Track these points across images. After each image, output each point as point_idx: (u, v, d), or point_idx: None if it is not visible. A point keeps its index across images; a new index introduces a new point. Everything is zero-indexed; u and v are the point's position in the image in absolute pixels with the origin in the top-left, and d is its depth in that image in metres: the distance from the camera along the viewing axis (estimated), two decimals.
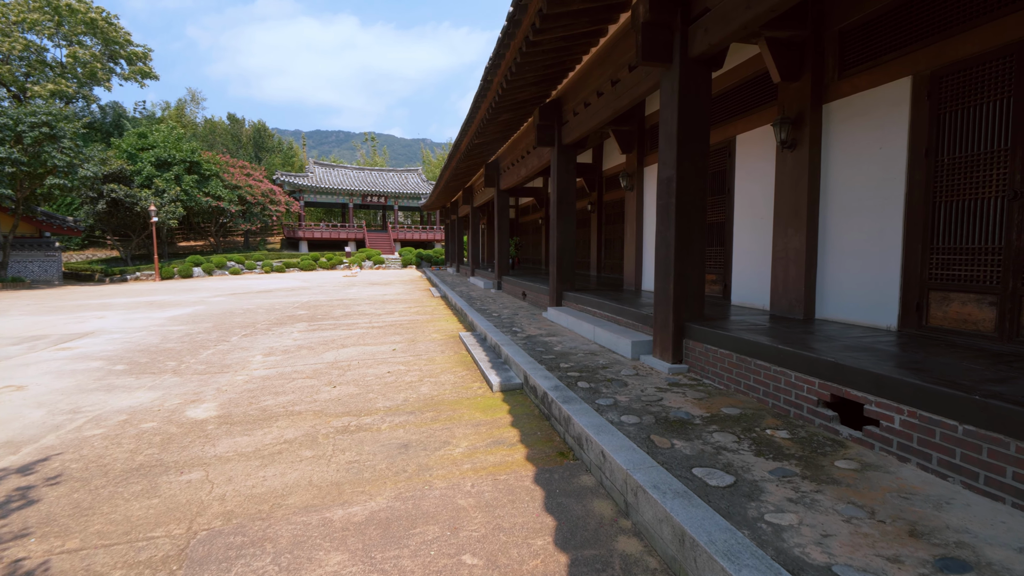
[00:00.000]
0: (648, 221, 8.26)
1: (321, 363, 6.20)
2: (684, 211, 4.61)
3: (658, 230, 4.87)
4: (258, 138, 42.95)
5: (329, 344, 7.42)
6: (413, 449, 3.52)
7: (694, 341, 4.55)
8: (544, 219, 18.66)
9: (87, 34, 32.14)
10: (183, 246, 35.70)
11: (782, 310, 5.19)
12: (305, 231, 37.48)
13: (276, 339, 7.91)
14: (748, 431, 3.15)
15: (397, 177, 44.29)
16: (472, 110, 8.80)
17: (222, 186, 29.71)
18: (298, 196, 37.08)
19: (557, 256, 8.17)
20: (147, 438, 3.85)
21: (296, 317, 10.43)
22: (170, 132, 28.33)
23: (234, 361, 6.42)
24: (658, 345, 4.89)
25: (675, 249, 4.61)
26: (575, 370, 4.74)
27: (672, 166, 4.61)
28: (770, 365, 3.61)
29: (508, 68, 6.49)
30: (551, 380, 4.32)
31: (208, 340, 7.93)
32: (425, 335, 8.05)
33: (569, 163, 8.12)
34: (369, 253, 34.04)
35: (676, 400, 3.80)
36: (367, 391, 4.97)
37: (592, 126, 6.89)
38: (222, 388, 5.20)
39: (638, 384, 4.24)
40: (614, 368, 4.81)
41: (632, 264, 8.55)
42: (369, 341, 7.61)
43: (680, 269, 4.63)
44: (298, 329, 8.86)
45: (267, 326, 9.28)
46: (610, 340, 5.63)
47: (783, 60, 4.86)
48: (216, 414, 4.39)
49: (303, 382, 5.34)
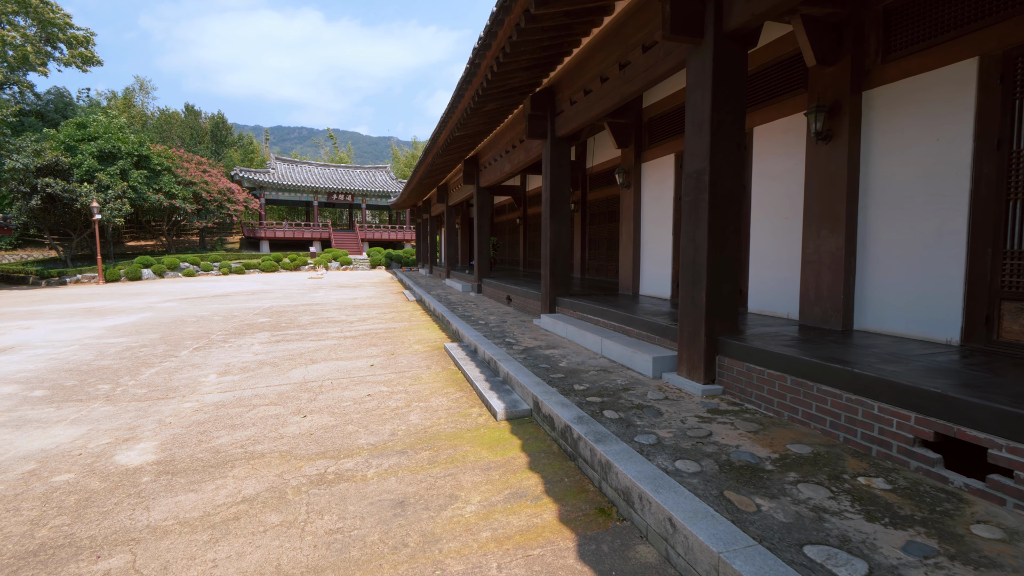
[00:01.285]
0: (647, 221, 7.70)
1: (287, 384, 5.32)
2: (718, 208, 4.01)
3: (684, 231, 4.26)
4: (217, 132, 40.52)
5: (296, 359, 6.51)
6: (412, 508, 2.76)
7: (731, 359, 3.95)
8: (522, 219, 18.02)
9: (18, 14, 29.38)
10: (132, 246, 33.22)
11: (815, 320, 4.68)
12: (266, 230, 35.57)
13: (234, 353, 6.93)
14: (836, 479, 2.55)
15: (365, 174, 42.77)
16: (454, 99, 8.03)
17: (175, 182, 27.68)
18: (259, 193, 35.15)
19: (550, 258, 7.51)
20: (58, 499, 2.94)
21: (257, 325, 9.39)
22: (111, 122, 26.13)
23: (182, 383, 5.45)
24: (685, 362, 4.28)
25: (708, 252, 4.00)
26: (594, 394, 4.07)
27: (704, 157, 4.01)
28: (841, 392, 3.03)
29: (501, 49, 5.77)
30: (571, 409, 3.63)
31: (153, 355, 6.87)
32: (405, 346, 7.24)
33: (563, 157, 7.47)
34: (335, 254, 32.55)
35: (728, 434, 3.18)
36: (345, 421, 4.15)
37: (592, 115, 6.25)
38: (165, 420, 4.27)
39: (674, 412, 3.61)
40: (637, 390, 4.17)
41: (629, 267, 7.97)
42: (342, 354, 6.74)
43: (713, 275, 4.03)
44: (259, 340, 7.88)
45: (224, 337, 8.24)
46: (623, 355, 4.99)
47: (819, 41, 4.34)
48: (155, 458, 3.51)
49: (266, 410, 4.48)
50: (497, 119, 9.41)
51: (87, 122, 25.53)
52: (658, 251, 7.43)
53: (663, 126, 7.30)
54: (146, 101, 41.64)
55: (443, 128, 9.76)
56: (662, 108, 7.26)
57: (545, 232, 7.61)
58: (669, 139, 7.12)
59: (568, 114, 6.91)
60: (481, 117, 8.85)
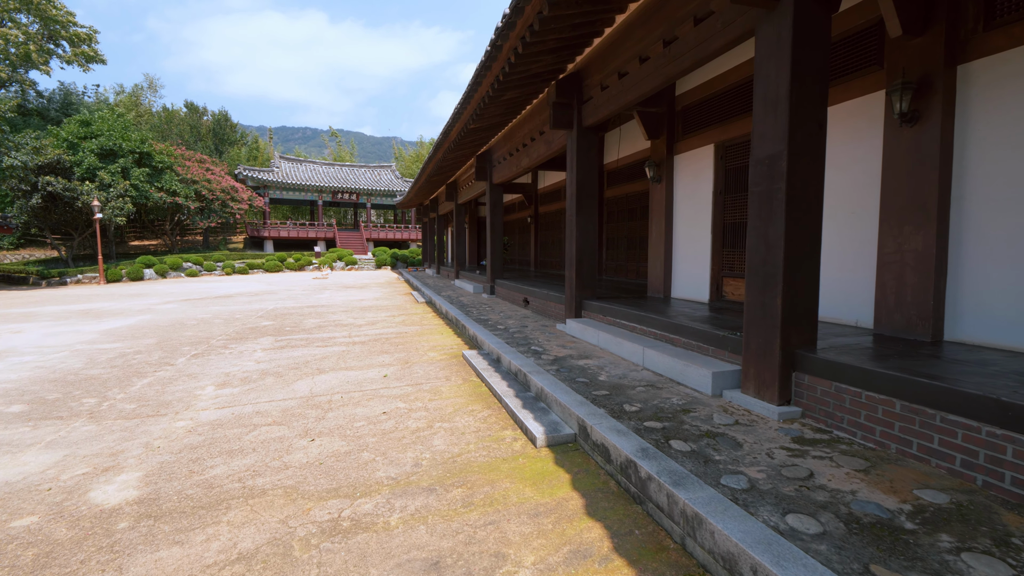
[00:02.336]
0: (680, 218, 7.11)
1: (293, 398, 4.76)
2: (797, 200, 3.42)
3: (753, 226, 3.67)
4: (219, 130, 40.07)
5: (302, 367, 5.95)
6: (451, 574, 2.19)
7: (813, 376, 3.37)
8: (533, 217, 17.46)
9: (20, 11, 29.03)
10: (136, 245, 32.84)
11: (894, 328, 4.08)
12: (270, 230, 35.15)
13: (234, 361, 6.38)
14: (1004, 545, 1.96)
15: (369, 173, 42.30)
16: (470, 88, 7.46)
17: (177, 180, 27.25)
18: (263, 192, 34.72)
19: (576, 259, 6.92)
20: (11, 555, 2.39)
21: (260, 329, 8.84)
22: (116, 119, 25.69)
23: (176, 396, 4.90)
24: (752, 379, 3.69)
25: (784, 251, 3.42)
26: (650, 416, 3.49)
27: (779, 139, 3.42)
28: (980, 425, 2.44)
29: (528, 27, 5.21)
30: (629, 437, 3.05)
31: (147, 363, 6.33)
32: (420, 354, 6.67)
33: (590, 149, 6.89)
34: (340, 253, 32.07)
35: (833, 474, 2.59)
36: (359, 447, 3.59)
37: (627, 101, 5.67)
38: (153, 443, 3.72)
39: (754, 442, 3.03)
40: (699, 412, 3.58)
41: (659, 268, 7.38)
42: (352, 363, 6.18)
43: (790, 278, 3.44)
44: (262, 346, 7.33)
45: (224, 342, 7.70)
46: (672, 368, 4.41)
47: (906, 7, 3.74)
48: (136, 495, 2.95)
49: (268, 431, 3.91)
50: (515, 110, 8.84)
51: (91, 119, 25.11)
52: (693, 250, 6.84)
53: (700, 115, 6.71)
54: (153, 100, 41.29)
55: (456, 120, 9.19)
56: (699, 95, 6.67)
57: (570, 230, 7.03)
58: (707, 128, 6.53)
59: (598, 101, 6.32)
60: (499, 107, 8.28)
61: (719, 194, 6.36)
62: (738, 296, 6.10)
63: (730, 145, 6.18)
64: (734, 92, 6.07)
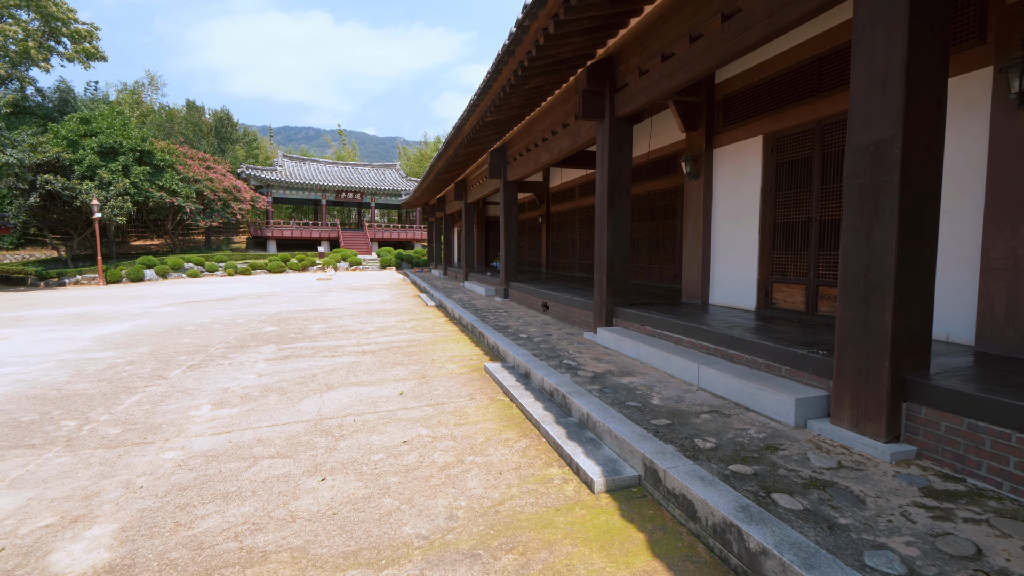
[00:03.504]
0: (720, 216, 6.51)
1: (298, 422, 4.18)
2: (912, 194, 2.82)
3: (850, 226, 3.07)
4: (221, 128, 39.54)
5: (308, 382, 5.37)
6: None
7: (933, 409, 2.76)
8: (544, 217, 16.88)
9: (20, 7, 28.58)
10: (137, 245, 32.38)
11: (1006, 346, 3.47)
12: (273, 230, 34.63)
13: (234, 373, 5.80)
14: None
15: (374, 172, 41.76)
16: (490, 76, 6.88)
17: (178, 179, 26.73)
18: (265, 191, 34.20)
19: (608, 261, 6.32)
20: None
21: (262, 336, 8.27)
22: (115, 116, 25.19)
23: (167, 418, 4.32)
24: (848, 408, 3.09)
25: (897, 256, 2.81)
26: (733, 456, 2.89)
27: (890, 122, 2.81)
28: None
29: (562, 2, 4.63)
30: (719, 488, 2.45)
31: (139, 376, 5.76)
32: (437, 365, 6.08)
33: (623, 141, 6.29)
34: (344, 254, 31.52)
35: (1007, 548, 1.99)
36: (380, 489, 3.00)
37: (671, 87, 5.07)
38: (136, 482, 3.14)
39: (876, 494, 2.42)
40: (790, 449, 2.98)
41: (696, 272, 6.78)
42: (363, 376, 5.60)
43: (903, 288, 2.84)
44: (264, 356, 6.75)
45: (223, 350, 7.12)
46: (739, 391, 3.81)
47: None
48: (107, 559, 2.37)
49: (271, 466, 3.33)
50: (535, 101, 8.26)
51: (91, 117, 24.61)
52: (737, 253, 6.23)
53: (745, 104, 6.10)
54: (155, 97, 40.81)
55: (472, 113, 8.61)
56: (744, 82, 6.06)
57: (601, 230, 6.43)
58: (754, 119, 5.92)
59: (634, 88, 5.72)
60: (519, 98, 7.70)
61: (769, 191, 5.76)
62: (792, 304, 5.49)
63: (783, 136, 5.57)
64: (789, 77, 5.47)
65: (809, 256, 5.28)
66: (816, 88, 5.13)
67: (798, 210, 5.41)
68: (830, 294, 5.07)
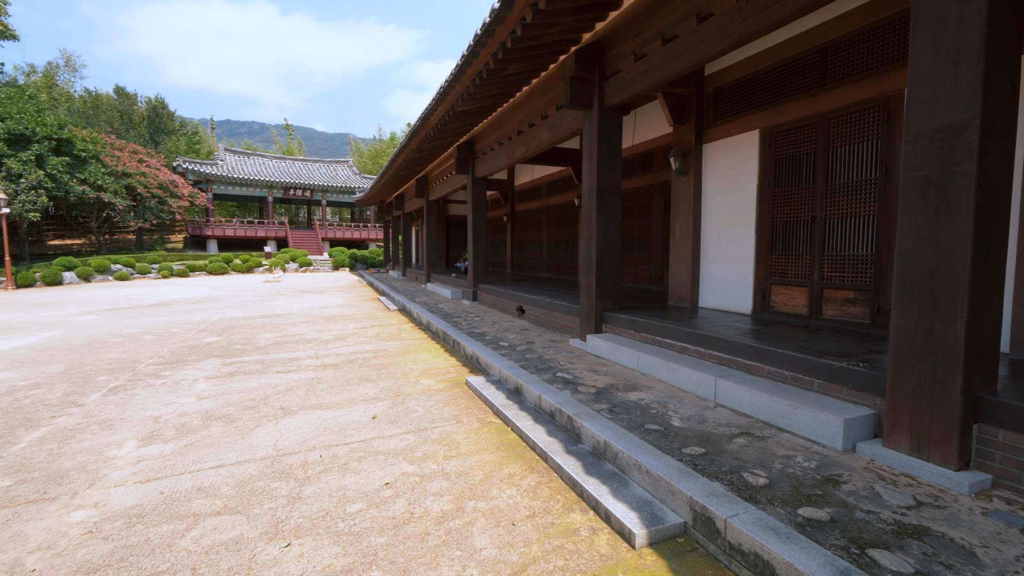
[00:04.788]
0: (710, 215, 6.19)
1: (251, 459, 3.42)
2: (987, 187, 2.47)
3: (909, 224, 2.70)
4: (155, 118, 36.36)
5: (260, 406, 4.57)
6: None
7: (1011, 431, 2.42)
8: (509, 216, 16.38)
9: None
10: (55, 245, 29.26)
11: None
12: (215, 228, 32.27)
13: (168, 396, 4.89)
14: None
15: (325, 168, 39.87)
16: (465, 60, 6.27)
17: (104, 172, 24.28)
18: (205, 187, 31.80)
19: (597, 263, 5.85)
20: None
21: (203, 348, 7.26)
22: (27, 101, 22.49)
23: (78, 461, 3.44)
24: (907, 430, 2.72)
25: (971, 258, 2.45)
26: (795, 494, 2.44)
27: (966, 104, 2.45)
28: None
29: None
30: (802, 546, 1.98)
31: (45, 403, 4.74)
32: (411, 381, 5.40)
33: (613, 133, 5.84)
34: (294, 254, 29.77)
35: None
36: (363, 558, 2.34)
37: (673, 72, 4.64)
38: (23, 565, 2.33)
39: (981, 542, 2.02)
40: (853, 482, 2.57)
41: (685, 273, 6.44)
42: (326, 396, 4.85)
43: (976, 295, 2.49)
44: (206, 373, 5.83)
45: (156, 367, 6.12)
46: (768, 408, 3.40)
47: None
48: None
49: (217, 527, 2.59)
50: (511, 90, 7.70)
51: None
52: (730, 253, 5.92)
53: (739, 97, 5.80)
54: (71, 80, 37.06)
55: (441, 102, 7.94)
56: (737, 74, 5.75)
57: (589, 230, 5.95)
58: (749, 112, 5.62)
59: (628, 75, 5.27)
60: (495, 85, 7.11)
61: (766, 188, 5.47)
62: (793, 308, 5.21)
63: (782, 131, 5.29)
64: (789, 69, 5.18)
65: (812, 257, 5.01)
66: (820, 80, 4.86)
67: (800, 208, 5.14)
68: (836, 297, 4.81)
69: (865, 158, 4.53)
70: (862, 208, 4.56)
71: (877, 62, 4.36)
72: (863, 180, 4.55)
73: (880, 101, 4.35)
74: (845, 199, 4.70)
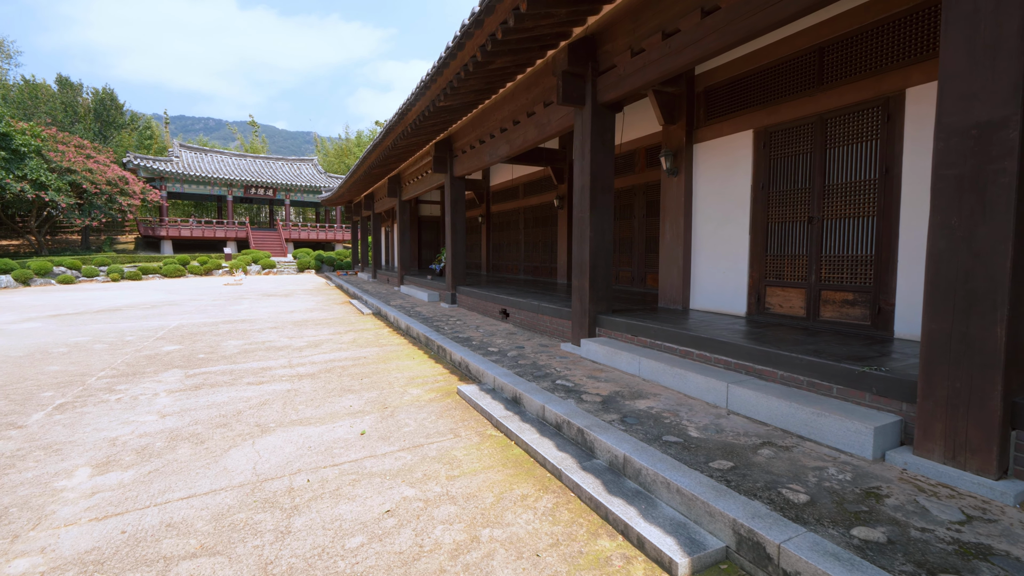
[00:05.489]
0: (702, 216, 6.11)
1: (228, 487, 3.03)
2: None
3: (941, 224, 2.60)
4: (103, 111, 34.12)
5: (232, 423, 4.14)
6: None
7: None
8: (484, 217, 16.12)
9: None
10: None
11: None
12: (169, 228, 30.59)
13: (125, 414, 4.39)
14: None
15: (288, 167, 38.50)
16: (449, 53, 5.99)
17: (46, 168, 22.57)
18: (159, 185, 30.08)
19: (590, 264, 5.67)
20: None
21: (162, 358, 6.67)
22: None
23: (19, 496, 2.97)
24: (940, 438, 2.62)
25: (1012, 260, 2.36)
26: (838, 512, 2.27)
27: (1005, 100, 2.37)
28: None
29: None
30: (869, 574, 1.81)
31: None
32: (397, 391, 5.06)
33: (606, 131, 5.67)
34: (256, 255, 28.52)
35: None
36: None
37: (673, 68, 4.50)
38: None
39: None
40: (896, 495, 2.43)
41: (676, 275, 6.34)
42: (305, 410, 4.46)
43: (1016, 297, 2.40)
44: (167, 386, 5.31)
45: (109, 380, 5.54)
46: (788, 416, 3.26)
47: None
48: None
49: (194, 573, 2.23)
50: (494, 86, 7.45)
51: None
52: (723, 255, 5.85)
53: (731, 96, 5.73)
54: (6, 68, 34.37)
55: (421, 96, 7.62)
56: (729, 73, 5.69)
57: (582, 231, 5.76)
58: (742, 112, 5.56)
59: (624, 70, 5.10)
60: (480, 80, 6.85)
61: (761, 188, 5.41)
62: (790, 310, 5.16)
63: (777, 131, 5.24)
64: (784, 68, 5.13)
65: (810, 258, 4.96)
66: (817, 80, 4.82)
67: (796, 209, 5.09)
68: (834, 298, 4.77)
69: (864, 159, 4.51)
70: (861, 209, 4.54)
71: (876, 63, 4.34)
72: (862, 181, 4.53)
73: (880, 102, 4.33)
74: (843, 200, 4.67)
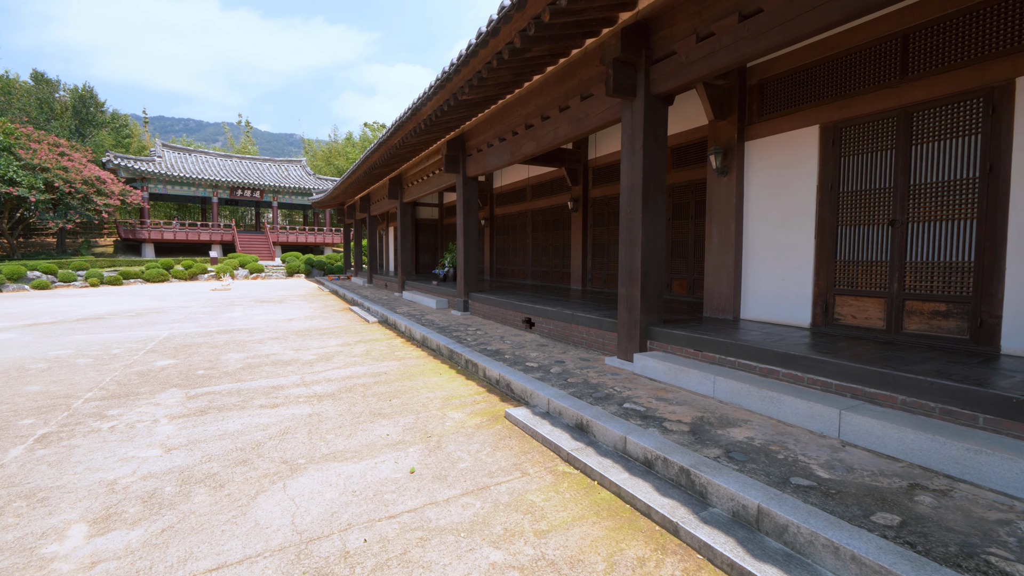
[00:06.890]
0: (757, 219, 5.65)
1: (264, 552, 2.43)
2: None
3: None
4: (82, 108, 32.67)
5: (253, 458, 3.52)
6: None
7: None
8: (488, 220, 15.61)
9: None
10: None
11: None
12: (151, 231, 29.37)
13: (122, 448, 3.73)
14: None
15: (276, 168, 37.46)
16: (481, 41, 5.49)
17: (17, 166, 21.39)
18: (140, 185, 28.89)
19: (642, 271, 5.15)
20: None
21: (156, 375, 5.97)
22: None
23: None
24: None
25: None
26: None
27: None
28: None
29: None
30: None
31: None
32: (435, 414, 4.47)
33: (660, 124, 5.18)
34: (243, 259, 27.52)
35: None
36: None
37: (748, 54, 4.02)
38: None
39: None
40: None
41: (726, 282, 5.87)
42: (336, 441, 3.85)
43: None
44: (167, 410, 4.64)
45: (99, 403, 4.85)
46: (926, 450, 2.77)
47: None
48: None
49: None
50: (520, 79, 6.93)
51: None
52: (779, 261, 5.40)
53: (791, 89, 5.30)
54: None
55: (440, 90, 7.08)
56: (789, 64, 5.25)
57: (632, 234, 5.25)
58: (805, 106, 5.13)
59: (686, 57, 4.62)
60: (509, 71, 6.33)
61: (828, 189, 4.97)
62: (865, 321, 4.72)
63: (849, 126, 4.81)
64: (858, 58, 4.70)
65: (891, 265, 4.52)
66: (901, 70, 4.39)
67: (873, 212, 4.65)
68: (922, 309, 4.33)
69: (960, 156, 4.08)
70: (957, 211, 4.11)
71: (978, 49, 3.92)
72: (958, 180, 4.10)
73: (982, 92, 3.91)
74: (934, 201, 4.24)
